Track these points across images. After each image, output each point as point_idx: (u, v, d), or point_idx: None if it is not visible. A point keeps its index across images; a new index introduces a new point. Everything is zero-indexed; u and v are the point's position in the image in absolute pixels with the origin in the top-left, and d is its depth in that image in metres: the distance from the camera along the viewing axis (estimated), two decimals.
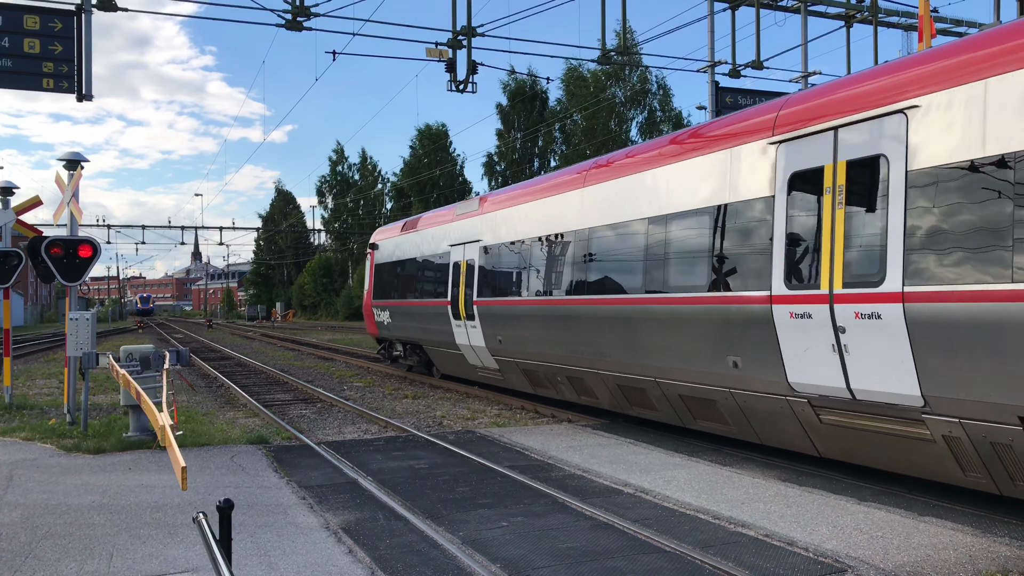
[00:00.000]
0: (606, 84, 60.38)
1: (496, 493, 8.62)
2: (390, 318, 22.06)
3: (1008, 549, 6.43)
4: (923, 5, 20.07)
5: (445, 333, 18.35)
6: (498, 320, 15.76)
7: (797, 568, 6.06)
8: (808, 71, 25.15)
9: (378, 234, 24.72)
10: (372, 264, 24.32)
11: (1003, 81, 6.68)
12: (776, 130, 9.16)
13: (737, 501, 8.06)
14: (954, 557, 6.23)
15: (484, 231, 16.81)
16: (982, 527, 7.05)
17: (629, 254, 11.58)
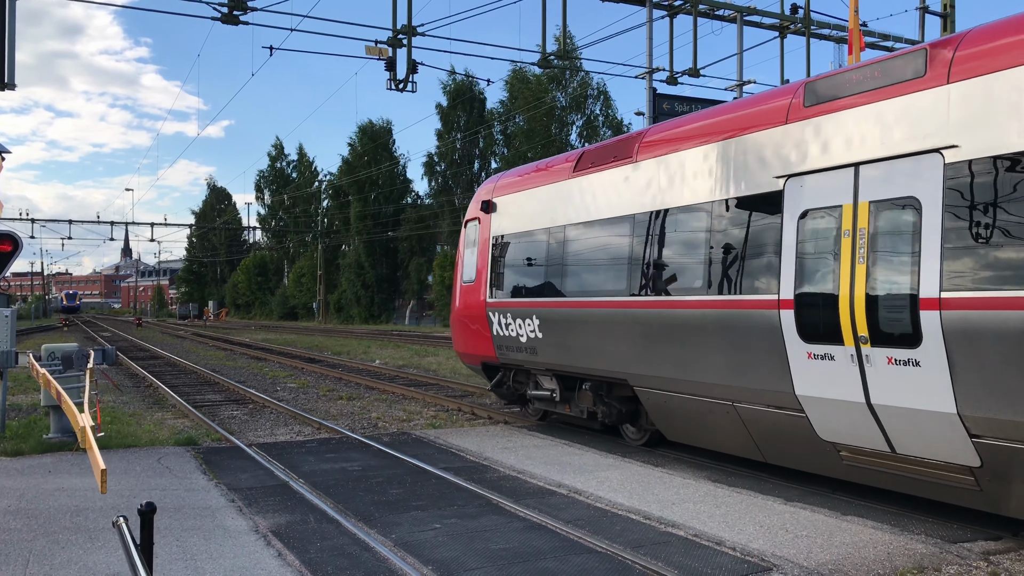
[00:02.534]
0: (548, 87, 60.68)
1: (430, 495, 8.58)
2: (534, 331, 12.19)
3: (924, 546, 6.66)
4: (853, 19, 20.69)
5: (751, 371, 8.56)
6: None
7: (724, 567, 6.18)
8: (743, 80, 25.67)
9: (496, 188, 14.04)
10: (478, 241, 14.23)
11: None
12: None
13: (668, 501, 8.18)
14: (873, 555, 6.43)
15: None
16: (900, 525, 7.28)
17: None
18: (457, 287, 15.13)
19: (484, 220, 14.18)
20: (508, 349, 13.11)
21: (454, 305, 15.24)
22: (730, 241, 8.98)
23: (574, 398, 12.14)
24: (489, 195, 14.23)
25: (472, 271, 14.38)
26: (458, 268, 15.12)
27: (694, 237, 9.49)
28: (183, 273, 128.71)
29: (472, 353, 14.77)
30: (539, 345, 12.20)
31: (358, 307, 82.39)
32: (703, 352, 9.14)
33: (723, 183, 9.16)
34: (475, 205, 14.70)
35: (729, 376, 8.82)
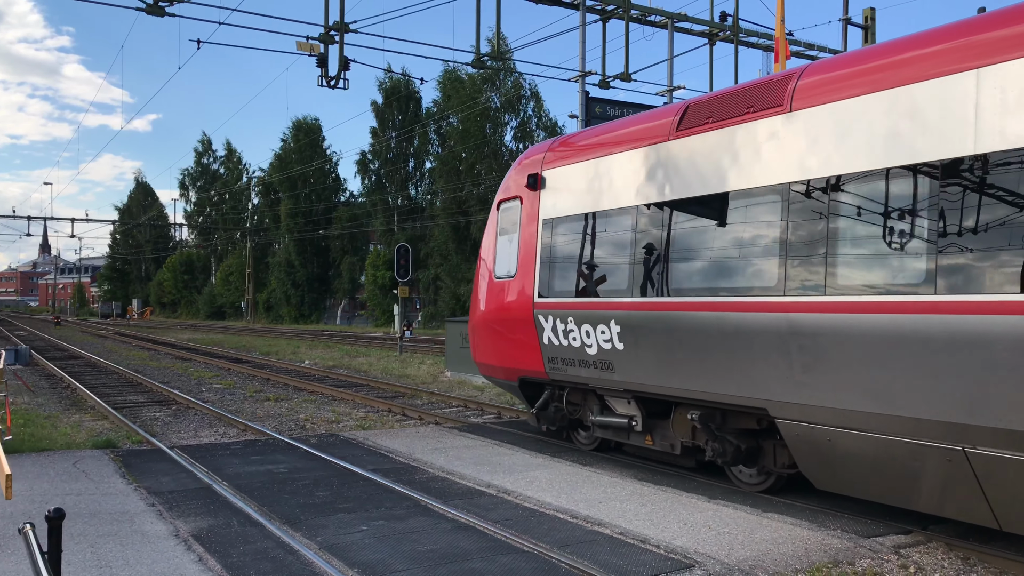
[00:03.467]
0: (482, 88, 60.72)
1: (358, 497, 8.49)
2: (610, 341, 9.52)
3: (839, 541, 6.87)
4: (779, 28, 21.26)
5: (1009, 406, 6.05)
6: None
7: (648, 565, 6.27)
8: (673, 85, 26.11)
9: (549, 158, 11.07)
10: (521, 225, 11.37)
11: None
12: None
13: (595, 500, 8.26)
14: (791, 550, 6.61)
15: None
16: (818, 521, 7.50)
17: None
18: (482, 284, 12.26)
19: (530, 199, 11.13)
20: (565, 363, 10.28)
21: (477, 306, 12.37)
22: (984, 217, 6.14)
23: (661, 428, 9.58)
24: (537, 167, 11.09)
25: (510, 263, 11.44)
26: (483, 260, 12.33)
27: (908, 210, 6.68)
28: (106, 271, 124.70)
29: (505, 366, 11.60)
30: (617, 359, 9.36)
31: (288, 306, 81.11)
32: (918, 376, 6.46)
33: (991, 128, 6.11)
34: (514, 181, 11.62)
35: (965, 411, 6.16)
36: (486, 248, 12.33)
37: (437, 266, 66.22)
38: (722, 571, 6.12)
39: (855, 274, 7.02)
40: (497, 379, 12.33)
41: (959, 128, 6.33)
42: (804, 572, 6.07)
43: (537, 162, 11.27)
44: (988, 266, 6.08)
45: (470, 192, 61.78)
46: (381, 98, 70.72)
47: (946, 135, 6.42)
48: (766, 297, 7.67)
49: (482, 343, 12.33)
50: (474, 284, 12.65)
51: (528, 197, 11.25)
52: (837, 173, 7.23)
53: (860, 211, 7.07)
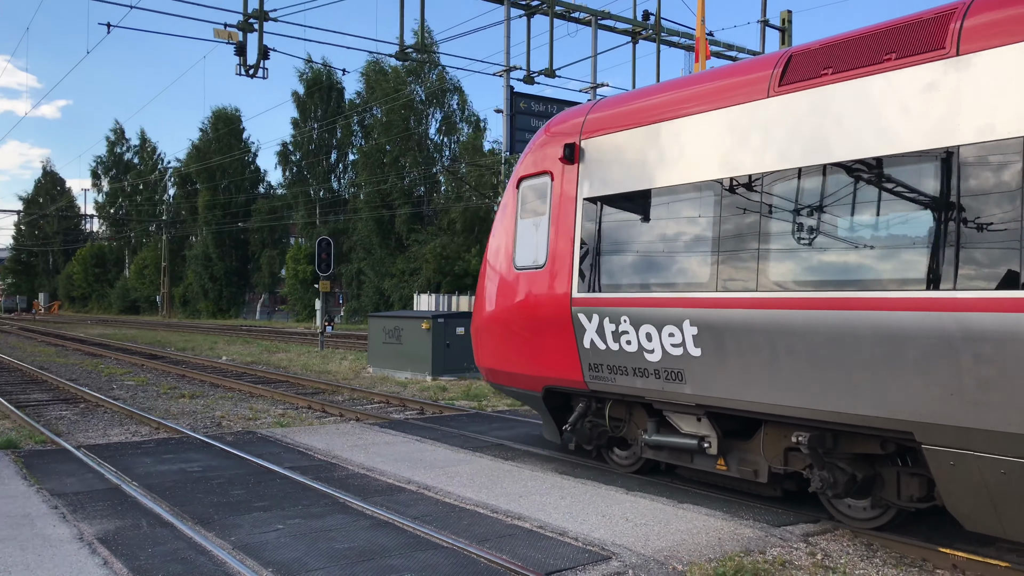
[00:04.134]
0: (406, 80, 60.23)
1: (274, 495, 8.33)
2: (681, 346, 7.84)
3: (751, 531, 7.06)
4: (699, 28, 21.69)
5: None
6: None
7: (566, 557, 6.32)
8: (597, 82, 26.38)
9: (590, 124, 9.24)
10: (552, 206, 9.56)
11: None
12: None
13: (516, 494, 8.29)
14: (706, 540, 6.75)
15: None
16: (731, 511, 7.69)
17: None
18: (493, 277, 10.41)
19: (564, 175, 9.32)
20: (614, 371, 8.60)
21: (485, 302, 10.55)
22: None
23: (740, 450, 8.00)
24: (574, 135, 9.28)
25: (536, 252, 9.62)
26: (496, 248, 10.42)
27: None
28: (9, 263, 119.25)
29: (525, 373, 9.83)
30: (690, 368, 7.73)
31: (205, 301, 79.06)
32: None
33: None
34: (542, 153, 9.76)
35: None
36: (500, 234, 10.38)
37: (360, 260, 65.48)
38: (638, 562, 6.21)
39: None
40: (511, 388, 10.40)
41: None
42: (717, 561, 6.21)
43: (574, 129, 9.35)
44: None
45: (394, 185, 61.26)
46: (302, 88, 69.50)
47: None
48: (925, 292, 6.00)
49: (492, 346, 10.39)
50: (480, 276, 10.75)
51: (562, 172, 9.36)
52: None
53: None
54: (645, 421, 8.82)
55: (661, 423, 8.66)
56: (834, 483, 7.04)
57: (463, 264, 56.72)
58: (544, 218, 9.60)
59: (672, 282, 7.98)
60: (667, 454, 8.73)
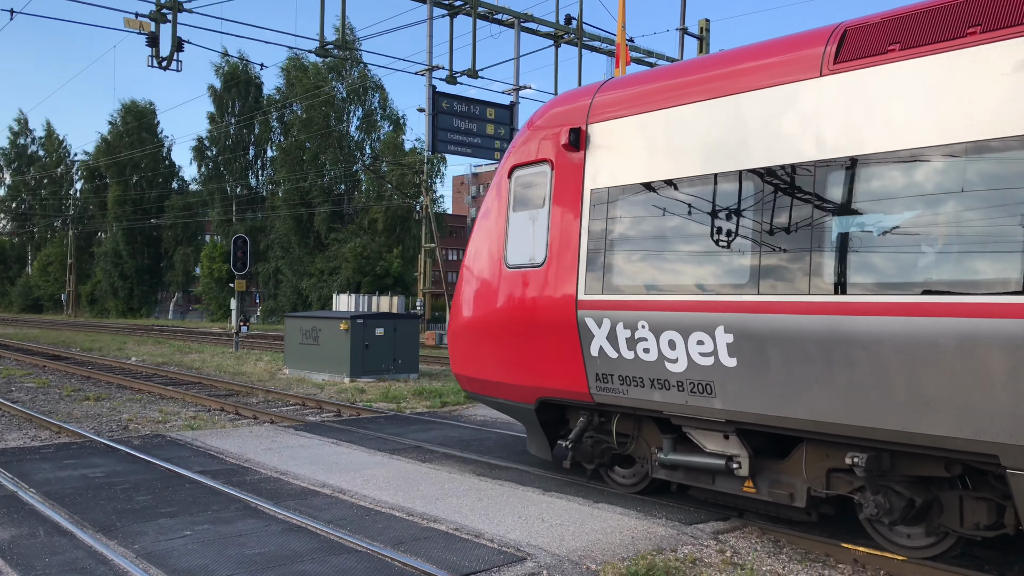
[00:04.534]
0: (327, 77, 59.39)
1: (182, 501, 8.07)
2: (712, 355, 6.97)
3: (664, 529, 7.18)
4: (620, 34, 22.00)
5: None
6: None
7: (482, 559, 6.31)
8: (519, 84, 26.49)
9: (599, 107, 8.35)
10: (553, 198, 8.60)
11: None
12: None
13: (432, 497, 8.24)
14: (619, 539, 6.84)
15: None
16: (645, 511, 7.81)
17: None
18: (477, 275, 9.45)
19: (568, 163, 8.39)
20: (626, 382, 7.72)
21: (465, 304, 9.57)
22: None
23: (773, 471, 7.16)
24: (580, 119, 8.41)
25: (533, 249, 8.66)
26: (481, 244, 9.47)
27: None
28: None
29: (515, 383, 8.88)
30: (722, 379, 6.91)
31: (115, 299, 76.34)
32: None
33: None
34: (540, 139, 8.84)
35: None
36: (486, 229, 9.42)
37: (278, 259, 64.25)
38: (553, 562, 6.25)
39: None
40: (493, 399, 9.40)
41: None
42: (630, 560, 6.29)
43: (578, 113, 8.47)
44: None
45: (314, 182, 60.31)
46: (219, 83, 67.79)
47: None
48: (1013, 296, 5.36)
49: (472, 352, 9.44)
50: (460, 275, 9.77)
51: (565, 160, 8.42)
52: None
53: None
54: (658, 438, 7.93)
55: (678, 440, 7.76)
56: (890, 509, 6.33)
57: (384, 264, 56.24)
58: (543, 211, 8.63)
59: (702, 284, 7.05)
60: (683, 474, 7.84)
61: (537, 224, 8.71)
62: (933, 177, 5.85)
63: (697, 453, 7.54)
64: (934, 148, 5.83)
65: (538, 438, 9.20)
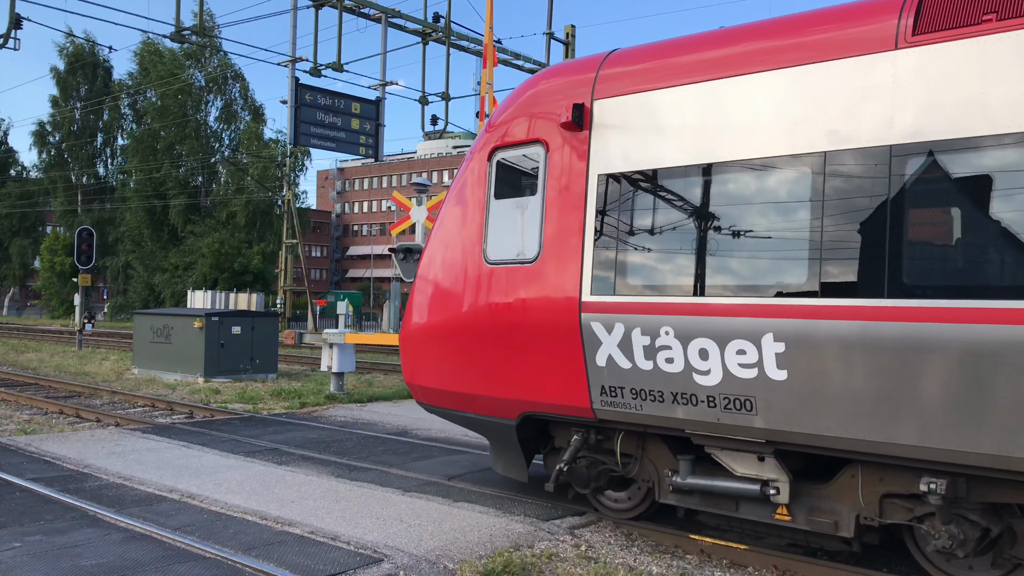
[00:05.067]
0: (184, 64, 56.85)
1: (12, 511, 7.50)
2: (756, 367, 6.08)
3: (522, 526, 7.27)
4: (488, 34, 22.16)
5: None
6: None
7: (337, 562, 6.19)
8: (386, 80, 26.21)
9: (606, 80, 7.25)
10: (548, 184, 7.45)
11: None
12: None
13: (288, 500, 8.02)
14: (477, 538, 6.88)
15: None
16: (504, 508, 7.88)
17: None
18: (442, 271, 8.28)
19: (567, 144, 7.35)
20: (640, 396, 6.76)
21: (424, 305, 8.41)
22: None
23: (813, 497, 6.39)
24: (584, 93, 7.34)
25: (524, 241, 7.56)
26: (452, 236, 8.25)
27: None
28: None
29: (491, 396, 7.80)
30: (769, 394, 6.06)
31: None
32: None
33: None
34: (528, 116, 7.75)
35: None
36: (457, 219, 8.24)
37: (128, 253, 61.02)
38: (410, 563, 6.21)
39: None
40: (464, 413, 8.23)
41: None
42: (487, 557, 6.33)
43: (581, 86, 7.39)
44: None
45: (168, 173, 57.58)
46: (63, 64, 63.61)
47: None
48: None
49: (436, 359, 8.25)
50: (422, 269, 8.53)
51: (564, 141, 7.36)
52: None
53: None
54: (668, 459, 7.08)
55: (697, 463, 6.91)
56: (964, 540, 5.67)
57: (243, 260, 54.34)
58: (536, 199, 7.53)
59: (745, 285, 6.20)
60: (699, 500, 6.96)
61: (527, 214, 7.59)
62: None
63: (722, 476, 6.67)
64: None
65: (513, 457, 8.04)
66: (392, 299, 36.18)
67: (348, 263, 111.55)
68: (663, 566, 6.51)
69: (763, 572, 6.48)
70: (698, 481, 6.78)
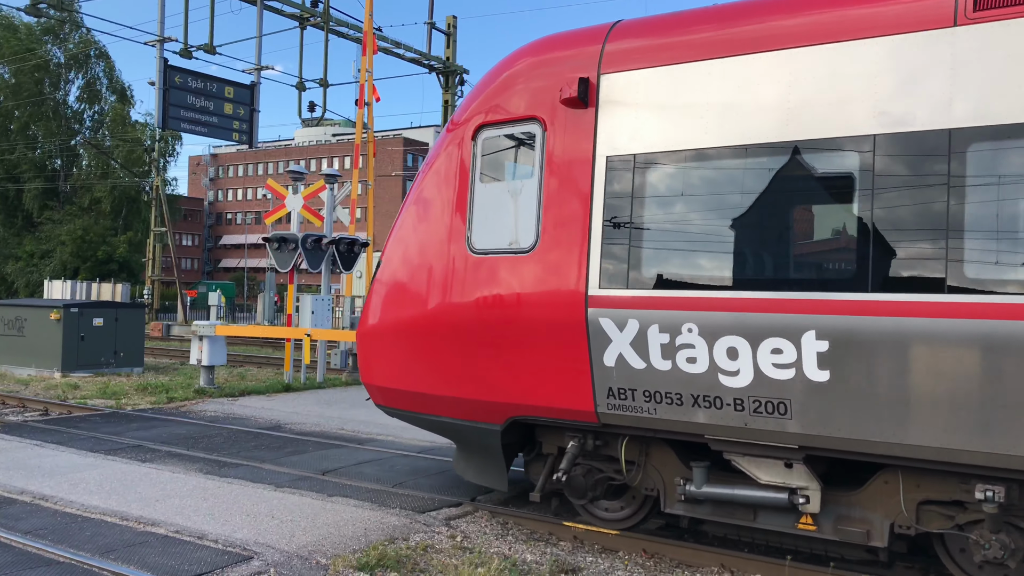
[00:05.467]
0: (41, 39, 53.36)
1: None
2: (795, 367, 5.69)
3: (397, 519, 7.22)
4: (367, 22, 21.82)
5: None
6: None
7: (203, 561, 5.98)
8: (262, 64, 25.41)
9: (617, 55, 6.69)
10: (547, 166, 6.83)
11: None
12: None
13: (152, 499, 7.68)
14: (352, 532, 6.78)
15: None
16: (380, 501, 7.81)
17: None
18: (413, 261, 7.53)
19: (569, 123, 6.77)
20: (655, 399, 6.25)
21: (391, 299, 7.62)
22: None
23: (841, 505, 6.04)
24: (587, 66, 6.78)
25: (517, 228, 6.95)
26: (425, 223, 7.50)
27: None
28: None
29: (473, 399, 7.13)
30: (806, 396, 5.67)
31: None
32: None
33: None
34: (522, 91, 7.09)
35: None
36: (432, 203, 7.49)
37: None
38: (281, 559, 6.06)
39: None
40: (438, 417, 7.50)
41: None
42: (361, 551, 6.26)
43: (586, 59, 6.80)
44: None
45: (23, 155, 53.98)
46: None
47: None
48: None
49: (404, 358, 7.51)
50: (386, 259, 7.76)
51: (565, 119, 6.78)
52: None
53: None
54: (675, 465, 6.66)
55: (711, 470, 6.49)
56: (1014, 550, 5.46)
57: (108, 248, 51.62)
58: (531, 182, 6.91)
59: (783, 278, 5.76)
60: (711, 509, 6.52)
61: (521, 199, 6.97)
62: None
63: (743, 485, 6.25)
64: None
65: (491, 465, 7.42)
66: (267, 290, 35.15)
67: (221, 252, 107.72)
68: (537, 553, 6.61)
69: (633, 556, 6.68)
70: (716, 490, 6.30)
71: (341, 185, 19.76)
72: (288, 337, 16.91)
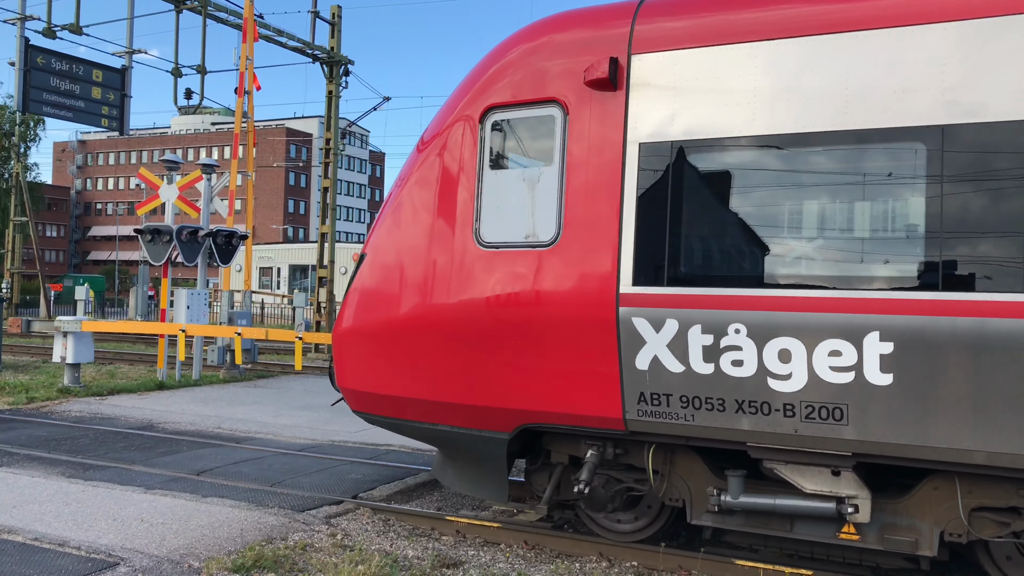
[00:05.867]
0: None
1: None
2: (839, 370, 5.39)
3: (275, 518, 7.06)
4: (248, 8, 21.18)
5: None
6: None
7: (65, 570, 5.67)
8: (133, 48, 24.26)
9: (647, 33, 6.16)
10: (568, 155, 6.25)
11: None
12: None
13: (8, 505, 7.23)
14: (227, 533, 6.58)
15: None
16: (257, 501, 7.60)
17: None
18: (404, 256, 6.83)
19: (595, 106, 6.22)
20: (693, 405, 5.80)
21: (378, 294, 6.89)
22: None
23: (887, 512, 5.77)
24: (616, 46, 6.25)
25: (536, 220, 6.36)
26: (419, 214, 6.85)
27: None
28: None
29: (478, 405, 6.50)
30: (866, 401, 5.33)
31: None
32: None
33: None
34: (537, 71, 6.49)
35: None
36: (431, 192, 6.82)
37: None
38: (150, 564, 5.82)
39: None
40: (432, 425, 6.82)
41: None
42: (237, 553, 6.08)
43: (614, 39, 6.26)
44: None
45: None
46: None
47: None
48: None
49: (395, 362, 6.80)
50: (372, 253, 7.07)
51: (590, 102, 6.24)
52: None
53: None
54: (703, 474, 6.25)
55: (751, 484, 6.11)
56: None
57: None
58: (552, 170, 6.34)
59: (844, 275, 5.44)
60: (743, 520, 6.13)
61: (540, 188, 6.39)
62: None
63: (791, 495, 5.86)
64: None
65: (491, 475, 6.78)
66: (140, 284, 33.61)
67: (90, 244, 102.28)
68: (419, 549, 6.59)
69: (514, 547, 6.75)
70: (755, 500, 5.90)
71: (219, 175, 19.10)
72: (162, 333, 16.23)
